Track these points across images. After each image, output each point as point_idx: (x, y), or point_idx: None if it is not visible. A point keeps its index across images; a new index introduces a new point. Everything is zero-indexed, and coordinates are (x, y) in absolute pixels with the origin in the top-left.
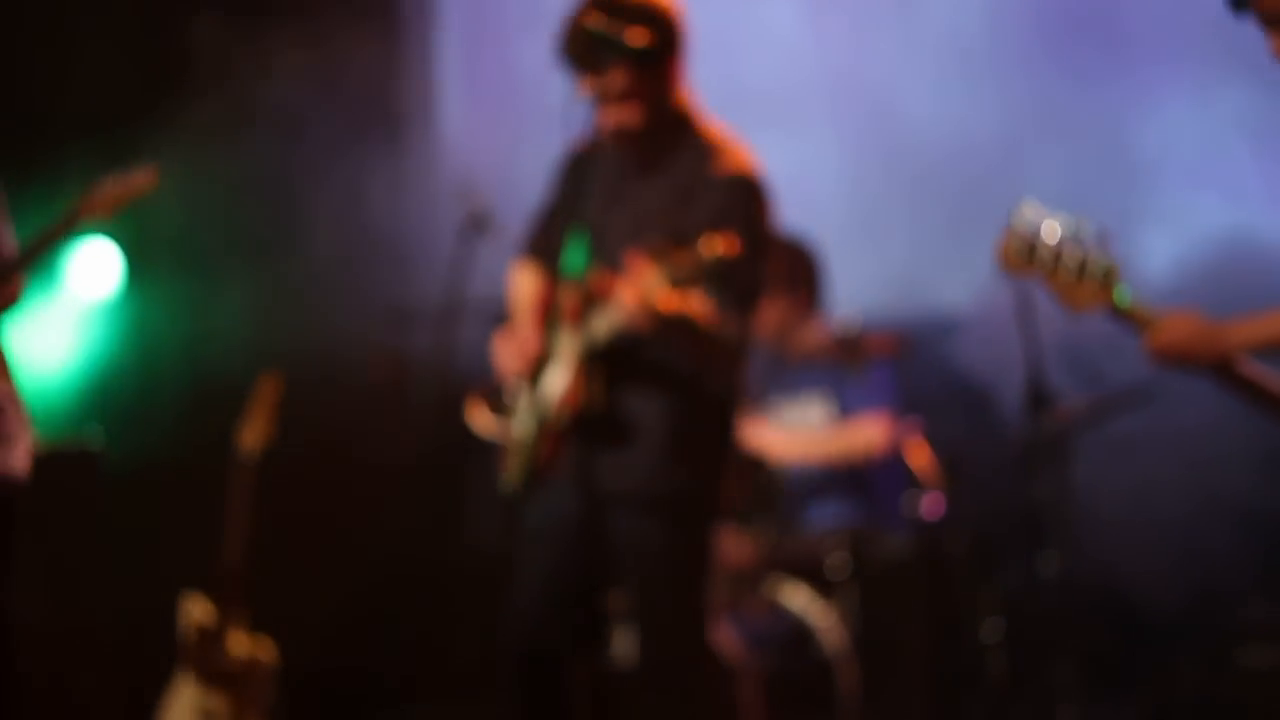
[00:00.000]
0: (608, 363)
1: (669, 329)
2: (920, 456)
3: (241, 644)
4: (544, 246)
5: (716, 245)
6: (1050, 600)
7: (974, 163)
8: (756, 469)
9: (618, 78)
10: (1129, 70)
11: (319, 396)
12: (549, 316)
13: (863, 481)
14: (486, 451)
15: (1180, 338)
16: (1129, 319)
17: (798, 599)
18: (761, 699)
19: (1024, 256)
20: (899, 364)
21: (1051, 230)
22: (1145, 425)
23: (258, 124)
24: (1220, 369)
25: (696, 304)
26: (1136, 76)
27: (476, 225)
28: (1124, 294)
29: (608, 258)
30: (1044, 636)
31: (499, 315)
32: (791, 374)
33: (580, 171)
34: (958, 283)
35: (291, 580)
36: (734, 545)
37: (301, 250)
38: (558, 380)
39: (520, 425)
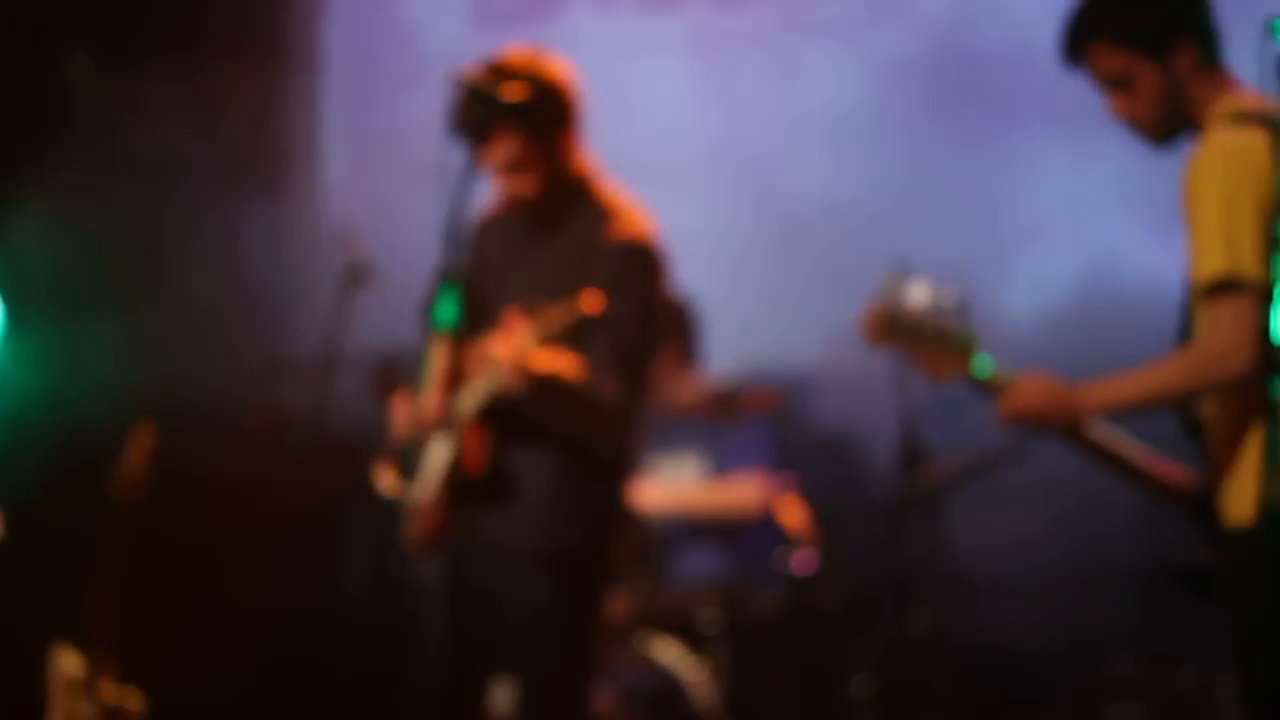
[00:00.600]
0: (495, 423)
1: (540, 388)
2: (794, 513)
3: (110, 695)
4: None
5: (585, 303)
6: (921, 657)
7: (849, 222)
8: (631, 524)
9: (509, 146)
10: (1005, 134)
11: (193, 447)
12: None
13: (736, 537)
14: (361, 504)
15: (1032, 402)
16: (985, 388)
17: (669, 654)
18: None
19: (886, 328)
20: (774, 420)
21: (914, 300)
22: (1019, 479)
23: (132, 167)
24: (1071, 432)
25: (566, 362)
26: (1012, 140)
27: (355, 276)
28: (982, 364)
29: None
30: (915, 693)
31: (377, 366)
32: (667, 429)
33: (484, 240)
34: (833, 339)
35: (163, 631)
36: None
37: (176, 298)
38: (447, 445)
39: (420, 486)
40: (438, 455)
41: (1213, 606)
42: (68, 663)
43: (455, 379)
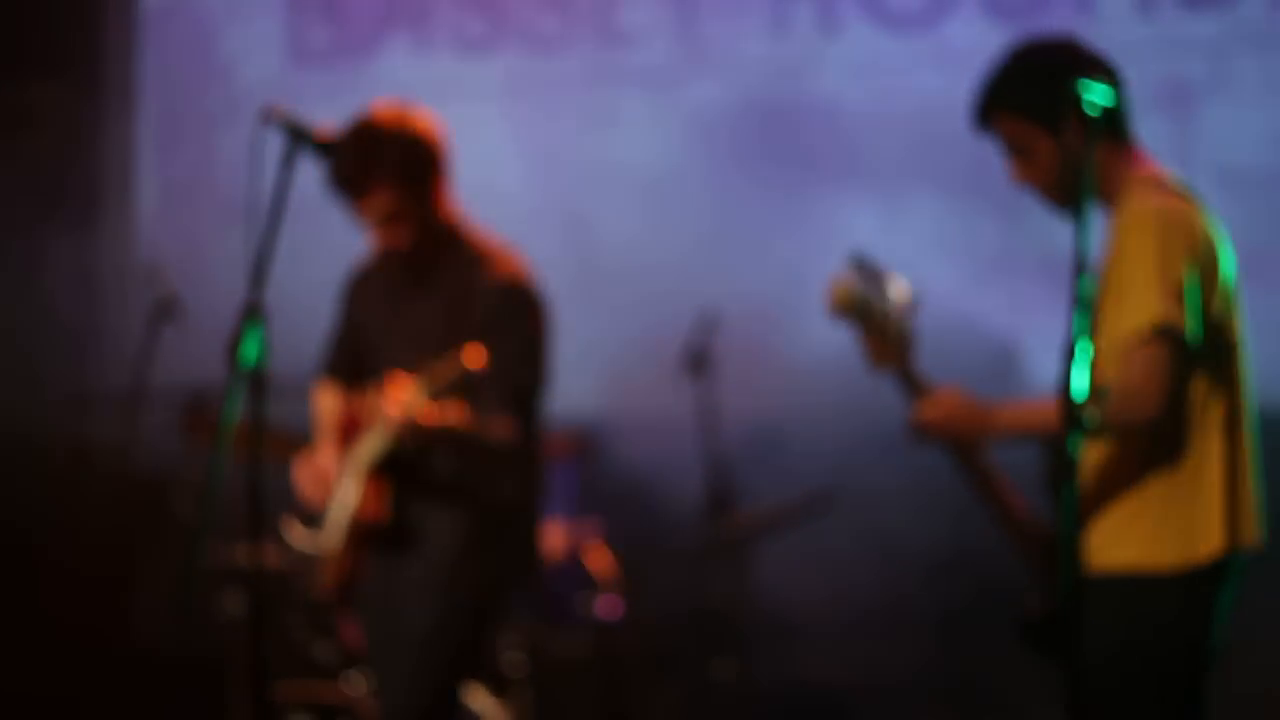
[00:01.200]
0: (392, 475)
1: (433, 441)
2: (598, 557)
3: None
4: (339, 367)
5: (468, 357)
6: (726, 704)
7: (657, 274)
8: (538, 566)
9: (385, 199)
10: (815, 189)
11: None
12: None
13: (539, 580)
14: (163, 539)
15: (948, 412)
16: (913, 385)
17: (474, 697)
18: None
19: (849, 302)
20: (578, 464)
21: (876, 284)
22: (825, 525)
23: None
24: (968, 450)
25: (456, 414)
26: (823, 195)
27: (164, 311)
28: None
29: (390, 376)
30: None
31: (185, 402)
32: None
33: (362, 292)
34: (637, 387)
35: None
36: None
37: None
38: (349, 496)
39: (326, 539)
40: (340, 505)
41: (1020, 656)
42: None
43: (348, 429)
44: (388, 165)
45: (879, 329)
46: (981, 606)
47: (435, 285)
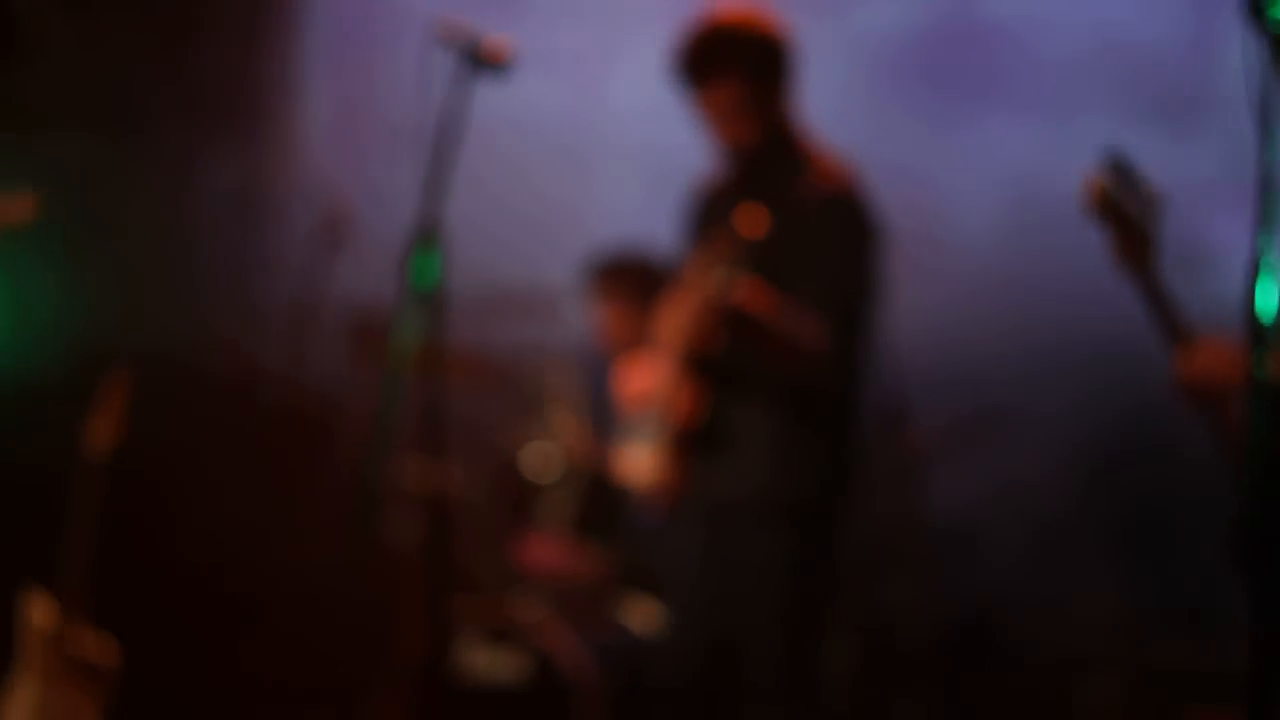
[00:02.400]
0: (706, 377)
1: (743, 327)
2: None
3: (84, 643)
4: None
5: (744, 225)
6: (904, 627)
7: None
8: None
9: (733, 91)
10: (984, 111)
11: (165, 394)
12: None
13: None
14: (331, 459)
15: (1222, 359)
16: (1156, 298)
17: (639, 618)
18: (607, 710)
19: (1103, 201)
20: None
21: (1130, 184)
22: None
23: (93, 108)
24: (1227, 410)
25: (761, 298)
26: (990, 115)
27: (333, 231)
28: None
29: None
30: (892, 668)
31: (351, 326)
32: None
33: (706, 208)
34: None
35: (136, 579)
36: (579, 558)
37: (140, 245)
38: (666, 402)
39: (646, 453)
40: (659, 419)
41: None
42: (40, 609)
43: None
44: (737, 56)
45: (1128, 229)
46: (1160, 519)
47: (767, 188)
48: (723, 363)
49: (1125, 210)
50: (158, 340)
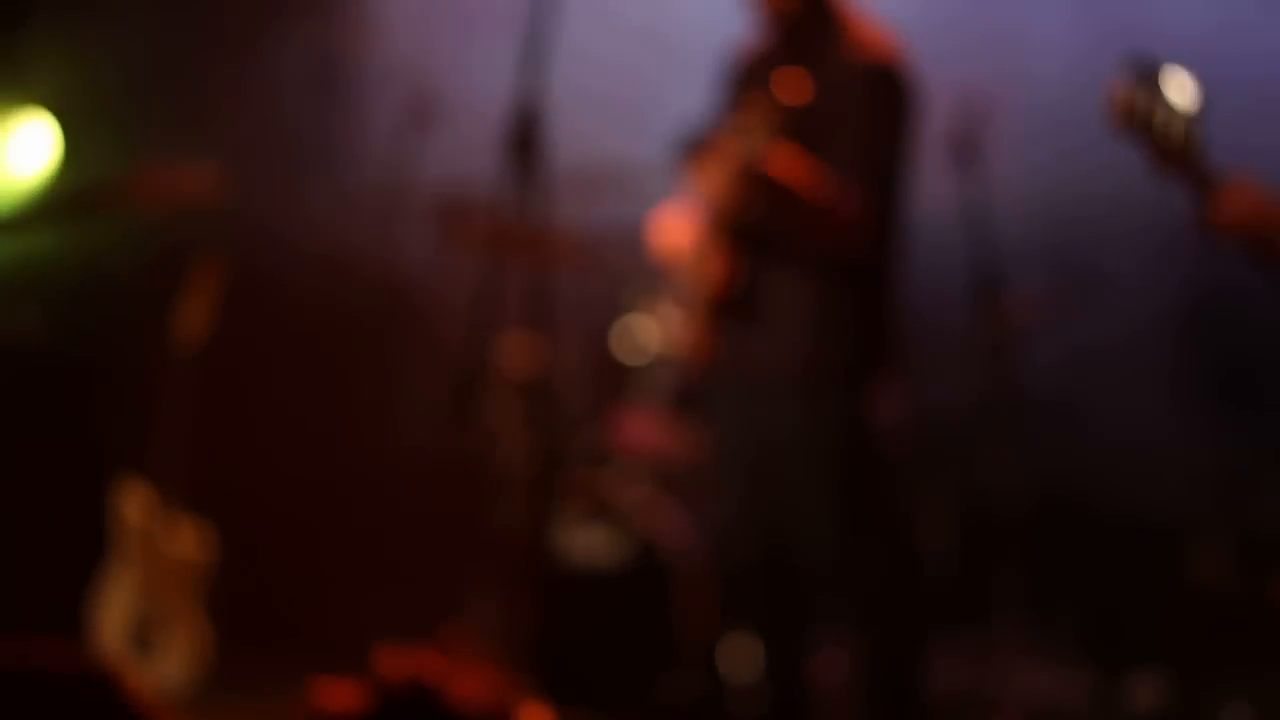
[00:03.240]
0: (742, 243)
1: (767, 192)
2: None
3: (180, 530)
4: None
5: (783, 91)
6: (998, 504)
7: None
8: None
9: None
10: None
11: (257, 280)
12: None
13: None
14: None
15: (1246, 208)
16: (1203, 184)
17: None
18: (711, 591)
19: (1131, 112)
20: None
21: (1160, 89)
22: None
23: None
24: (1269, 244)
25: (795, 165)
26: None
27: (419, 114)
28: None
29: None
30: (991, 540)
31: (441, 205)
32: None
33: (747, 75)
34: None
35: (231, 466)
36: (677, 435)
37: (226, 126)
38: (702, 265)
39: (675, 324)
40: (694, 277)
41: None
42: (137, 499)
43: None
44: None
45: (1164, 135)
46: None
47: (806, 55)
48: (757, 229)
49: (1154, 117)
50: (245, 225)
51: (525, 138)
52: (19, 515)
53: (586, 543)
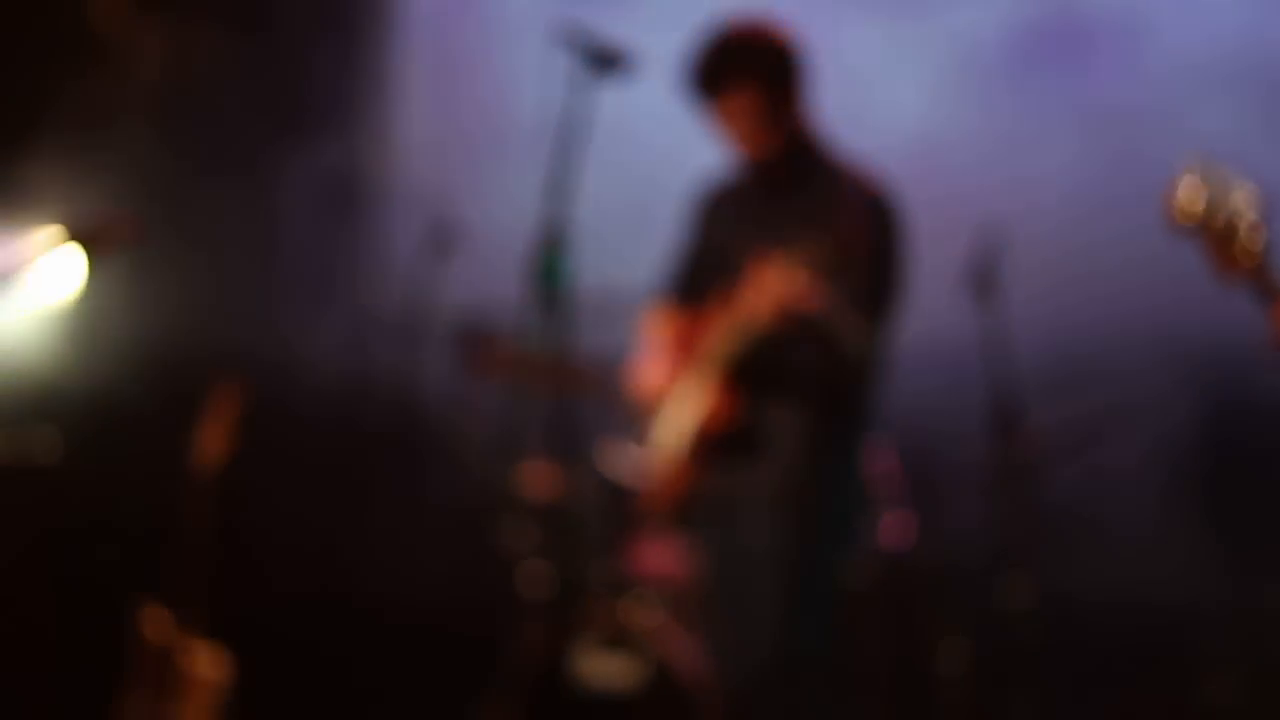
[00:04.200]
0: (744, 379)
1: (797, 325)
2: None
3: (197, 655)
4: (681, 287)
5: (840, 231)
6: (1014, 630)
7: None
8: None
9: (747, 100)
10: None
11: (275, 405)
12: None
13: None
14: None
15: None
16: (1272, 294)
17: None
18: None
19: (1195, 211)
20: None
21: (1222, 189)
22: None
23: (180, 106)
24: None
25: (821, 298)
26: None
27: (440, 239)
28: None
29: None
30: (1005, 667)
31: (462, 331)
32: None
33: (717, 210)
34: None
35: (249, 591)
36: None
37: (245, 250)
38: (694, 404)
39: (660, 458)
40: (682, 416)
41: None
42: (155, 622)
43: (686, 346)
44: (751, 66)
45: (1227, 238)
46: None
47: (798, 194)
48: (769, 365)
49: (1217, 218)
50: (264, 349)
51: (549, 265)
52: (40, 637)
53: (604, 669)
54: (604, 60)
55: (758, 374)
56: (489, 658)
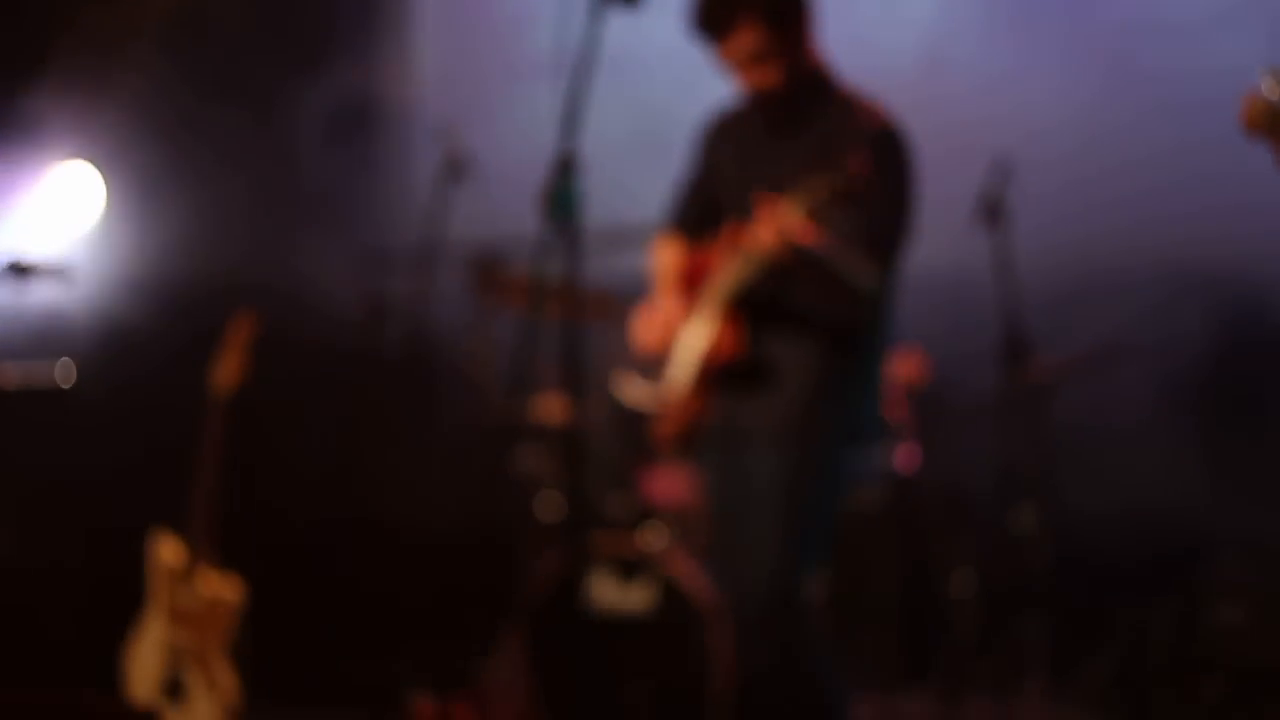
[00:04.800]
0: (750, 312)
1: (804, 262)
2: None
3: (209, 583)
4: (686, 219)
5: (852, 166)
6: (1023, 555)
7: (949, 123)
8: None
9: (752, 39)
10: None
11: (290, 335)
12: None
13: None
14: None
15: None
16: None
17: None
18: (731, 644)
19: (1266, 118)
20: None
21: None
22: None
23: (210, 42)
24: None
25: (826, 239)
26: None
27: (454, 169)
28: None
29: (759, 204)
30: (1015, 591)
31: (475, 260)
32: None
33: (720, 140)
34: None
35: (263, 517)
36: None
37: (261, 178)
38: (700, 336)
39: (669, 386)
40: (688, 349)
41: None
42: (168, 549)
43: (693, 278)
44: (755, 4)
45: None
46: None
47: (804, 128)
48: (776, 302)
49: None
50: (280, 277)
51: (561, 192)
52: (59, 565)
53: (616, 593)
54: None
55: (762, 308)
56: (506, 582)
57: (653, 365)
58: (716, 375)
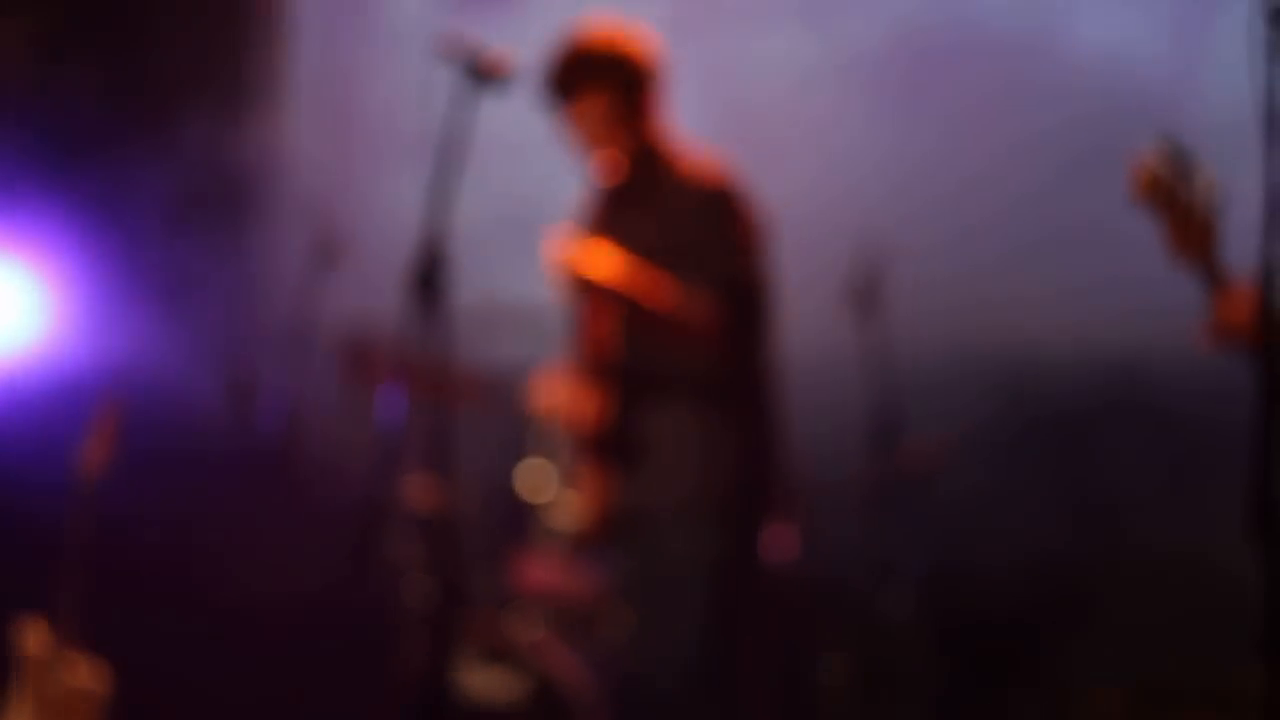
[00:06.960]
0: (614, 381)
1: (629, 310)
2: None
3: (76, 671)
4: None
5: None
6: (902, 643)
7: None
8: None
9: (596, 107)
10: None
11: (156, 416)
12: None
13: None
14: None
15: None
16: (1214, 278)
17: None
18: None
19: (1154, 187)
20: None
21: (1184, 170)
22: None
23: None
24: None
25: (653, 281)
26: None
27: (326, 251)
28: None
29: None
30: (889, 683)
31: (344, 342)
32: None
33: (591, 223)
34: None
35: (131, 603)
36: (576, 577)
37: (148, 267)
38: (577, 414)
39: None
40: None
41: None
42: (34, 638)
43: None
44: (602, 72)
45: (1184, 217)
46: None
47: (647, 203)
48: (626, 363)
49: (1176, 196)
50: (147, 362)
51: (429, 275)
52: None
53: (485, 682)
54: (484, 72)
55: (614, 369)
56: (373, 669)
57: (537, 448)
58: (598, 452)
